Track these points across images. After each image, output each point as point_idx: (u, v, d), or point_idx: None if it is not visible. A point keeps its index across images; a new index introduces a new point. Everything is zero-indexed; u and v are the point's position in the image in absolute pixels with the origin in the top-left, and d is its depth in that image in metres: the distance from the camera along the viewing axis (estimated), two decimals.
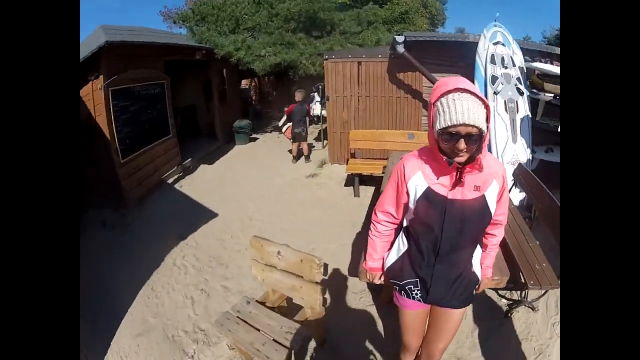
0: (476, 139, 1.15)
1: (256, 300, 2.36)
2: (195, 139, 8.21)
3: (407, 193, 1.36)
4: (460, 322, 1.58)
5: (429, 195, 1.30)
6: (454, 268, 1.39)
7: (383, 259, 1.60)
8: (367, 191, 5.10)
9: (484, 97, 1.16)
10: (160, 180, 5.66)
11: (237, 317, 2.16)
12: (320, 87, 8.47)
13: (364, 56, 5.56)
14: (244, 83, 13.20)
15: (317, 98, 9.07)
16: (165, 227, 4.37)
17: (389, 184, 1.43)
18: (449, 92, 1.15)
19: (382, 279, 1.64)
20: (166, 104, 5.88)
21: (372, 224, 1.57)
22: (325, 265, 1.94)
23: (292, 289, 2.09)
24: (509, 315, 2.52)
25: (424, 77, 5.16)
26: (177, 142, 6.28)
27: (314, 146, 7.84)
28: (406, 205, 1.41)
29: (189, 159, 6.52)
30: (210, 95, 8.30)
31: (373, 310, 2.72)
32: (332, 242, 3.84)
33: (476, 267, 1.46)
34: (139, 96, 5.11)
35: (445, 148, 1.20)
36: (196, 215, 4.66)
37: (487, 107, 1.16)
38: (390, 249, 1.58)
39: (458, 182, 1.25)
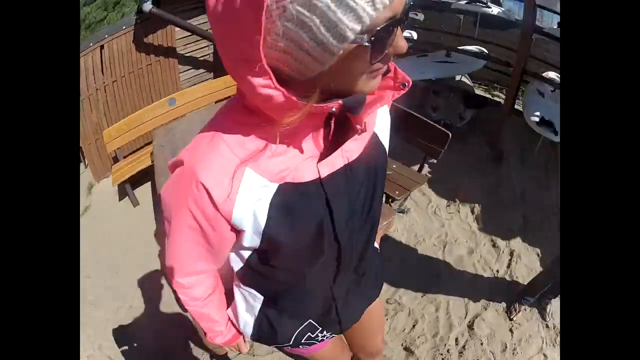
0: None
1: None
2: None
3: (234, 230, 0.59)
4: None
5: (289, 200, 0.55)
6: (362, 269, 0.81)
7: (229, 319, 0.86)
8: (144, 192, 3.80)
9: None
10: None
11: None
12: None
13: (106, 36, 4.09)
14: None
15: None
16: None
17: (178, 231, 0.59)
18: None
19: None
20: None
21: (179, 294, 0.74)
22: None
23: None
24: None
25: (176, 28, 4.14)
26: None
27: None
28: (236, 242, 0.65)
29: None
30: None
31: None
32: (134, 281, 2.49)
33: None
34: None
35: (377, 65, 0.45)
36: None
37: None
38: (229, 303, 0.85)
39: (344, 135, 0.55)
